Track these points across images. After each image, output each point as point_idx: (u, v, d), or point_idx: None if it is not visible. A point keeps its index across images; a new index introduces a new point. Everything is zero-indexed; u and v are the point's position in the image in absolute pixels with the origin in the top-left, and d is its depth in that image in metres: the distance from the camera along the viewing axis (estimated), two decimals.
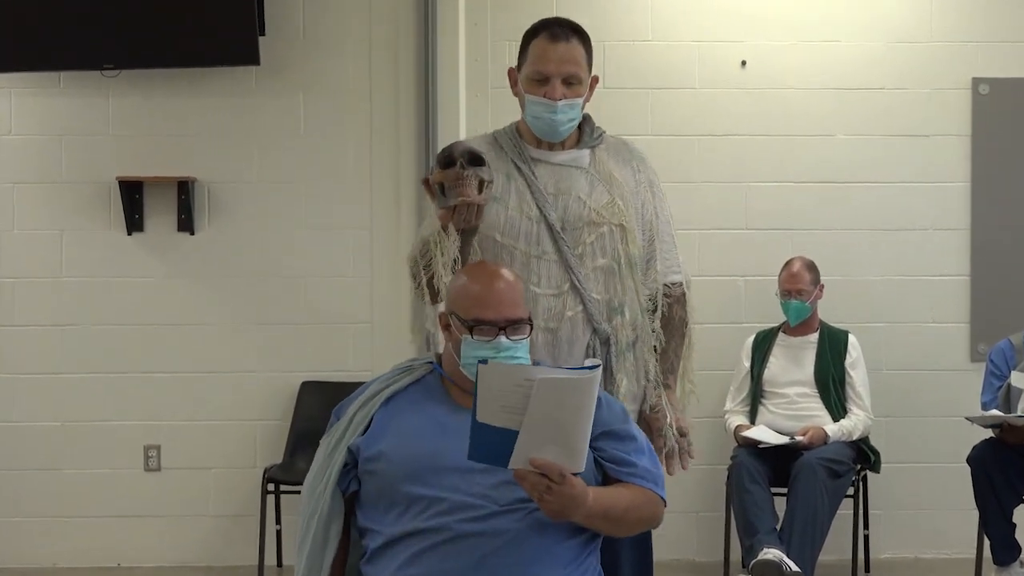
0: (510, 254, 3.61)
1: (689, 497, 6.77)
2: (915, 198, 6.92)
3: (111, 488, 6.81)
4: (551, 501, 3.01)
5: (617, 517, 3.18)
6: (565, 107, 3.62)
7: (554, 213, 3.64)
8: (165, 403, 6.80)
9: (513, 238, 3.62)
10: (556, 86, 3.60)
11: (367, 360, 6.64)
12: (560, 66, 3.60)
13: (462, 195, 3.38)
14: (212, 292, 6.81)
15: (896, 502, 6.88)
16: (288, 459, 6.63)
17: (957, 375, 6.87)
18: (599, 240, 3.66)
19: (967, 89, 6.90)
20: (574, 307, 3.62)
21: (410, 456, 3.16)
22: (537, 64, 3.62)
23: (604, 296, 3.66)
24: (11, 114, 6.79)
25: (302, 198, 6.81)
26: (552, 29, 3.64)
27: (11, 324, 6.79)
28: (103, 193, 6.78)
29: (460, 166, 3.37)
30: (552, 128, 3.66)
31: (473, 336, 3.22)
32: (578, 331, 3.63)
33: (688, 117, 6.84)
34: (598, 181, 3.70)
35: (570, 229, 3.64)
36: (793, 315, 6.54)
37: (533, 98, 3.63)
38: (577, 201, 3.66)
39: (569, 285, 3.62)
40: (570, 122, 3.67)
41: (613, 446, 3.24)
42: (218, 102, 6.79)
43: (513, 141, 3.74)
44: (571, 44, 3.63)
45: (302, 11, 6.78)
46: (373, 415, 3.28)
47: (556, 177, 3.69)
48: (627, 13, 6.85)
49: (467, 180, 3.37)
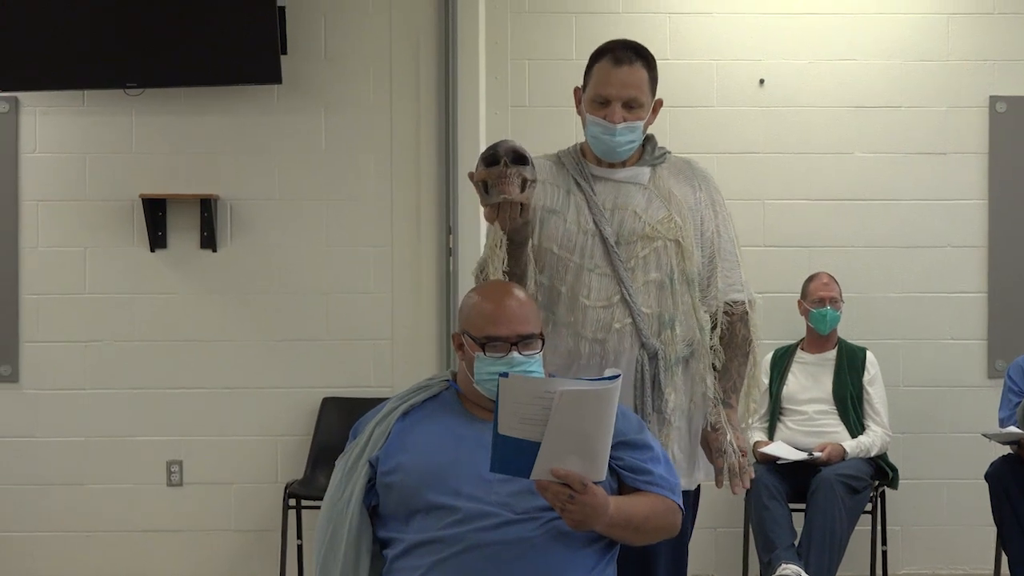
0: (565, 266, 3.68)
1: (708, 513, 6.73)
2: (932, 215, 6.94)
3: (134, 503, 6.84)
4: (574, 511, 3.04)
5: (637, 526, 3.21)
6: (624, 130, 3.66)
7: (609, 227, 3.68)
8: (188, 419, 6.84)
9: (569, 251, 3.68)
10: (616, 109, 3.65)
11: (388, 376, 6.68)
12: (621, 90, 3.65)
13: (504, 192, 3.43)
14: (234, 308, 6.86)
15: (914, 518, 6.89)
16: (309, 475, 6.66)
17: (975, 392, 6.87)
18: (653, 254, 3.69)
19: (984, 107, 6.92)
20: (622, 319, 3.65)
21: (428, 466, 3.20)
22: (599, 87, 3.67)
23: (655, 310, 3.68)
24: (35, 132, 6.85)
25: (323, 215, 6.85)
26: (616, 52, 3.68)
27: (35, 340, 6.84)
28: (126, 210, 6.83)
29: (504, 164, 3.42)
30: (610, 149, 3.70)
31: (486, 353, 3.26)
32: (625, 343, 3.66)
33: (706, 135, 6.87)
34: (656, 197, 3.74)
35: (624, 243, 3.68)
36: (828, 324, 6.52)
37: (593, 119, 3.69)
38: (633, 216, 3.70)
39: (619, 297, 3.66)
40: (629, 144, 3.71)
41: (630, 455, 3.27)
42: (240, 120, 6.83)
43: (575, 159, 3.79)
44: (634, 68, 3.66)
45: (323, 30, 6.83)
46: (391, 429, 3.33)
47: (615, 193, 3.73)
48: (645, 32, 6.87)
49: (510, 178, 3.43)
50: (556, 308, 3.68)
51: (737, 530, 6.59)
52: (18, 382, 6.83)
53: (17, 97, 6.82)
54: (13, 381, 6.83)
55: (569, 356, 3.66)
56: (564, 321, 3.67)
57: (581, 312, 3.63)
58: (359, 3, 6.83)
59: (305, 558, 6.63)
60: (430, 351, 6.72)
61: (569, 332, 3.66)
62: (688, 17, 6.91)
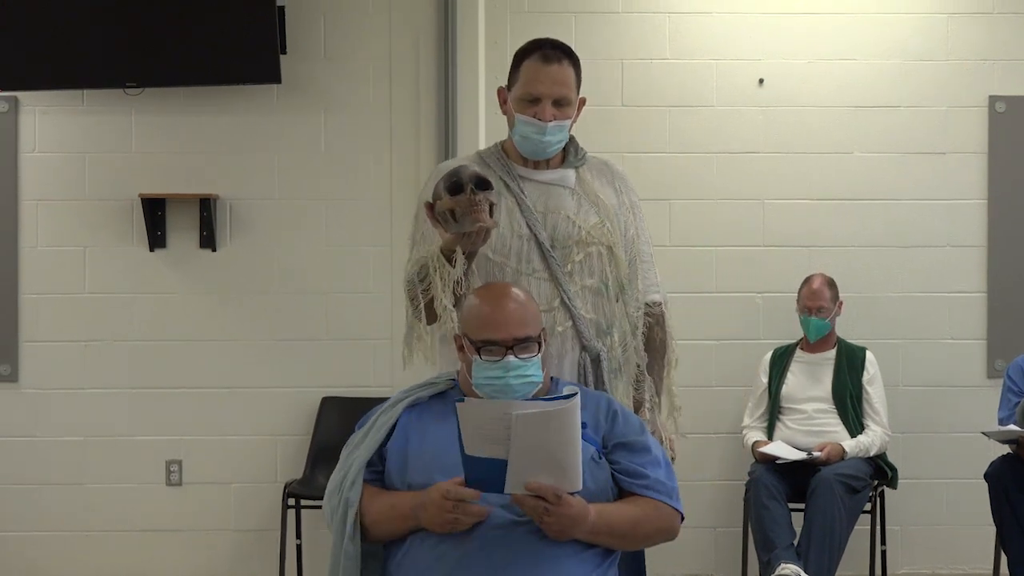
0: (501, 271, 3.62)
1: (707, 512, 6.79)
2: (932, 215, 6.94)
3: (133, 503, 6.85)
4: (551, 522, 3.06)
5: (624, 532, 3.21)
6: (554, 128, 3.64)
7: (544, 231, 3.65)
8: (187, 418, 6.84)
9: (504, 255, 3.63)
10: (546, 108, 3.62)
11: (387, 376, 6.68)
12: (551, 88, 3.62)
13: (478, 220, 3.35)
14: (234, 308, 6.86)
15: (913, 518, 6.89)
16: (308, 474, 6.66)
17: (974, 391, 6.88)
18: (587, 260, 3.68)
19: (984, 107, 6.92)
20: (564, 322, 3.62)
21: (432, 465, 3.21)
22: (528, 86, 3.64)
23: (592, 316, 3.67)
24: (35, 132, 6.85)
25: (323, 215, 6.85)
26: (544, 51, 3.65)
27: (35, 340, 6.84)
28: (126, 210, 6.83)
29: (471, 191, 3.35)
30: (540, 148, 3.68)
31: (482, 357, 3.26)
32: (567, 345, 3.64)
33: (706, 135, 6.88)
34: (585, 201, 3.73)
35: (559, 247, 3.66)
36: (813, 332, 6.56)
37: (523, 118, 3.65)
38: (566, 220, 3.68)
39: (559, 301, 3.63)
40: (558, 143, 3.69)
41: (628, 458, 3.27)
42: (240, 120, 6.84)
43: (500, 160, 3.76)
44: (562, 66, 3.64)
45: (323, 30, 6.83)
46: (397, 420, 3.33)
47: (544, 195, 3.71)
48: (645, 32, 6.89)
49: (480, 205, 3.35)
50: None
51: (736, 530, 6.59)
52: (17, 382, 6.84)
53: (17, 97, 6.82)
54: (13, 381, 6.83)
55: None
56: None
57: None
58: (359, 3, 6.83)
59: (304, 558, 6.64)
60: None
61: None
62: (688, 17, 6.91)
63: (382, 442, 3.32)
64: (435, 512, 3.10)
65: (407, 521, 3.19)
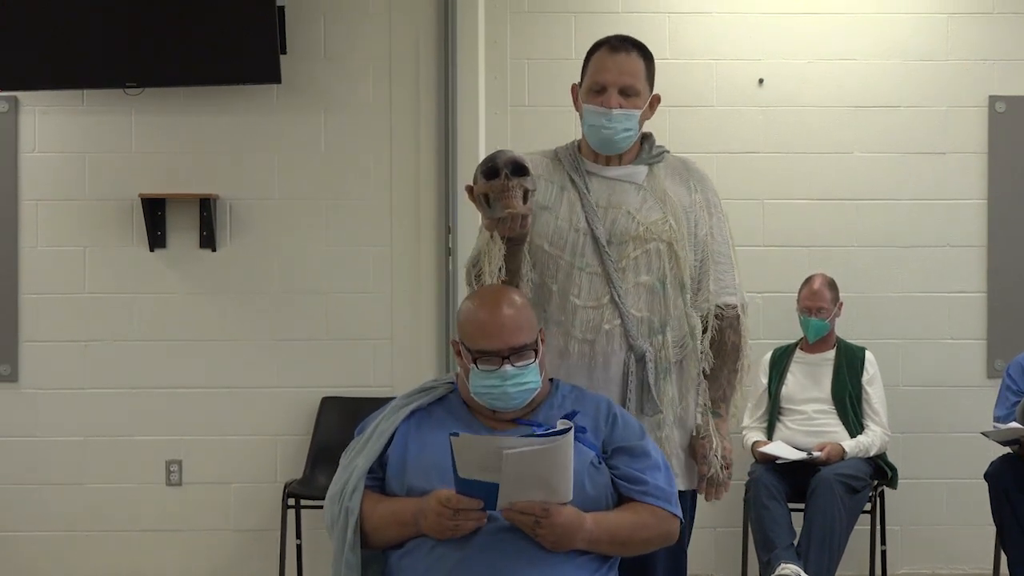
0: (556, 264, 3.63)
1: (707, 513, 6.73)
2: (932, 215, 6.94)
3: (133, 503, 6.85)
4: (544, 534, 3.06)
5: (624, 540, 3.21)
6: (620, 116, 3.61)
7: (602, 226, 3.64)
8: (187, 418, 6.84)
9: (560, 248, 3.63)
10: (612, 95, 3.61)
11: (387, 376, 6.69)
12: (618, 76, 3.62)
13: (508, 206, 3.36)
14: (234, 308, 6.86)
15: (913, 518, 6.89)
16: (308, 474, 6.66)
17: (974, 391, 6.87)
18: (644, 256, 3.64)
19: (984, 107, 6.92)
20: (611, 320, 3.60)
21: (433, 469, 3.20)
22: (595, 75, 3.65)
23: (644, 314, 3.63)
24: (35, 132, 6.85)
25: (323, 215, 6.85)
26: (612, 42, 3.67)
27: (34, 340, 6.84)
28: (126, 210, 6.83)
29: (505, 177, 3.36)
30: (606, 137, 3.65)
31: (479, 366, 3.25)
32: (614, 345, 3.61)
33: (706, 135, 6.88)
34: (651, 197, 3.69)
35: (616, 243, 3.63)
36: (813, 332, 6.56)
37: (590, 107, 3.64)
38: (626, 215, 3.65)
39: (608, 298, 3.61)
40: (625, 132, 3.65)
41: (627, 463, 3.26)
42: (240, 120, 6.84)
43: (572, 155, 3.75)
44: (630, 56, 3.64)
45: (323, 30, 6.83)
46: (397, 427, 3.32)
47: (609, 191, 3.68)
48: (645, 31, 6.84)
49: (512, 191, 3.36)
50: (547, 306, 3.64)
51: (736, 530, 6.59)
52: (17, 382, 6.84)
53: (17, 97, 6.82)
54: (12, 381, 6.83)
55: (560, 355, 3.61)
56: (555, 319, 3.63)
57: (571, 311, 3.60)
58: (359, 3, 6.83)
59: (304, 558, 6.64)
60: (429, 351, 6.72)
61: (560, 331, 3.62)
62: (688, 16, 6.91)
63: (382, 450, 3.31)
64: (435, 520, 3.09)
65: (408, 528, 3.19)
